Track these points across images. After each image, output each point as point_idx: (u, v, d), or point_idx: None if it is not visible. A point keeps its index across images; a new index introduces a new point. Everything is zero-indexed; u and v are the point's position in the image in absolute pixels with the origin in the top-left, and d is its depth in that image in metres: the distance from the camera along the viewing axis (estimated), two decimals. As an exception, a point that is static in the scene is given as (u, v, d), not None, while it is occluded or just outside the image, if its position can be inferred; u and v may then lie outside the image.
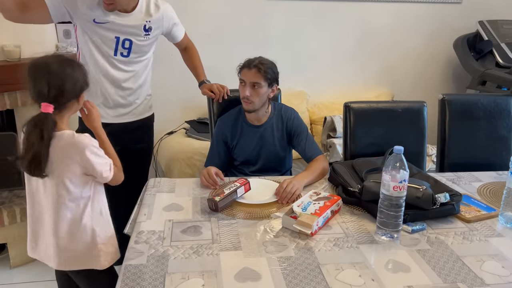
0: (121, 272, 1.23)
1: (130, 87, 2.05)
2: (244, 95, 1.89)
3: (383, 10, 3.44)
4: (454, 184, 1.87)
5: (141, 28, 1.96)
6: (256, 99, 1.89)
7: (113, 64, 1.98)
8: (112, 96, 2.02)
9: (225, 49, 3.27)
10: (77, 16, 1.87)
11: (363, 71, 3.59)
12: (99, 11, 1.87)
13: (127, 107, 2.08)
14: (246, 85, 1.88)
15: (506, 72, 3.03)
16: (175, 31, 2.14)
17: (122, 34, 1.94)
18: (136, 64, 2.04)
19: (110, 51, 1.95)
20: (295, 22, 3.35)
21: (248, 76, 1.88)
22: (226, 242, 1.38)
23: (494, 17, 3.44)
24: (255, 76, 1.86)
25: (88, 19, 1.87)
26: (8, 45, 2.39)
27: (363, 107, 2.10)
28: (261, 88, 1.88)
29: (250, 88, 1.88)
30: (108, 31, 1.91)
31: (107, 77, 1.99)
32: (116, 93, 2.02)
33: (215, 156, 2.03)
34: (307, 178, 1.79)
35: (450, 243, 1.41)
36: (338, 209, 1.59)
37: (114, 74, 1.99)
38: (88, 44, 1.93)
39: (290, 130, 2.02)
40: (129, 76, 2.03)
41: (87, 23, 1.89)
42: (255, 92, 1.88)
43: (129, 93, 2.06)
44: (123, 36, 1.94)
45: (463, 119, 2.16)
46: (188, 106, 3.31)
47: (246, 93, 1.88)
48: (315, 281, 1.20)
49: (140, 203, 1.66)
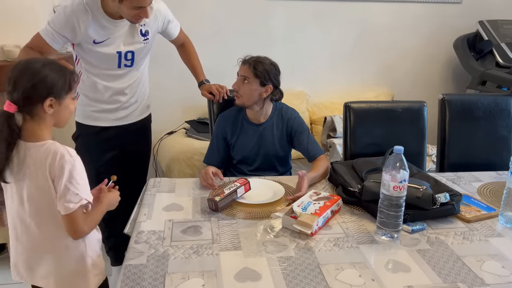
0: (121, 272, 1.23)
1: (131, 91, 2.05)
2: (232, 86, 1.96)
3: (383, 10, 3.44)
4: (454, 184, 1.86)
5: (138, 34, 1.95)
6: (245, 95, 1.93)
7: (116, 76, 1.97)
8: (113, 102, 2.01)
9: (225, 49, 3.27)
10: (77, 40, 1.86)
11: (363, 71, 3.59)
12: (96, 26, 1.84)
13: (127, 109, 2.07)
14: (238, 79, 1.95)
15: (506, 72, 3.03)
16: (170, 28, 2.12)
17: (124, 46, 1.92)
18: (139, 69, 2.04)
19: (113, 65, 1.94)
20: (295, 22, 3.35)
21: (241, 71, 1.94)
22: (226, 242, 1.38)
23: (494, 17, 3.43)
24: (247, 71, 1.91)
25: (88, 41, 1.86)
26: (8, 45, 2.39)
27: (363, 107, 2.10)
28: (250, 84, 1.90)
29: (240, 82, 1.93)
30: (109, 48, 1.89)
31: (109, 87, 1.98)
32: (117, 99, 2.02)
33: (214, 152, 2.03)
34: (317, 178, 1.84)
35: (450, 243, 1.41)
36: (338, 209, 1.59)
37: (117, 84, 1.98)
38: (88, 60, 1.92)
39: (290, 130, 2.02)
40: (132, 82, 2.03)
41: (88, 45, 1.87)
42: (243, 86, 1.92)
43: (130, 96, 2.06)
44: (124, 49, 1.93)
45: (463, 119, 2.16)
46: (188, 106, 3.31)
47: (235, 85, 1.95)
48: (315, 281, 1.20)
49: (140, 203, 1.66)
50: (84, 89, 1.98)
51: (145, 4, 1.78)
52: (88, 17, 1.82)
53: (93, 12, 1.82)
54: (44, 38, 1.84)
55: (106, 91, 1.98)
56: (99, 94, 1.98)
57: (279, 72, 1.96)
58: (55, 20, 1.83)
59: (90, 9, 1.81)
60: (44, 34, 1.84)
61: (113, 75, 1.96)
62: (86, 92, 1.99)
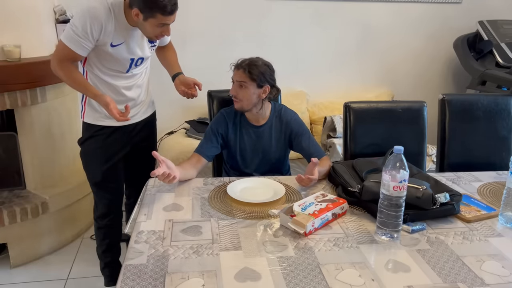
0: (121, 272, 1.23)
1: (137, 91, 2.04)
2: (230, 93, 1.95)
3: (383, 10, 3.44)
4: (454, 184, 1.87)
5: (147, 42, 1.95)
6: (244, 99, 1.92)
7: (123, 77, 1.96)
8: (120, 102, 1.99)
9: (225, 49, 3.27)
10: (99, 41, 1.81)
11: (363, 71, 3.59)
12: (117, 28, 1.81)
13: (135, 108, 2.06)
14: (234, 84, 1.94)
15: (506, 72, 3.03)
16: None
17: (137, 52, 1.91)
18: (143, 70, 2.05)
19: (123, 69, 1.93)
20: (295, 22, 3.35)
21: (236, 76, 1.93)
22: (226, 242, 1.38)
23: (494, 17, 3.44)
24: (242, 76, 1.90)
25: (107, 41, 1.81)
26: (8, 45, 2.39)
27: (363, 107, 2.10)
28: (248, 88, 1.90)
29: (237, 87, 1.92)
30: (123, 53, 1.86)
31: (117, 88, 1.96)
32: (127, 100, 2.01)
33: (209, 145, 1.97)
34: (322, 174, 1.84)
35: (450, 243, 1.41)
36: (343, 213, 1.57)
37: (124, 84, 1.97)
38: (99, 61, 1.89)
39: (290, 132, 2.01)
40: (137, 82, 2.02)
41: (103, 47, 1.83)
42: (241, 91, 1.91)
43: (137, 95, 2.05)
44: (137, 56, 1.93)
45: (463, 119, 2.16)
46: (188, 106, 3.31)
47: (232, 91, 1.94)
48: (315, 281, 1.20)
49: (140, 203, 1.66)
50: None
51: (169, 21, 1.78)
52: (112, 19, 1.79)
53: (116, 15, 1.80)
54: (68, 45, 1.78)
55: (113, 91, 1.96)
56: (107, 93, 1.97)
57: (274, 71, 1.96)
58: (77, 23, 1.76)
59: (113, 10, 1.79)
60: (68, 41, 1.78)
61: (120, 77, 1.95)
62: None
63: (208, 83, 2.41)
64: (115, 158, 2.07)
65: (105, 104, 1.77)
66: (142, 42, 1.93)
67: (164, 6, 1.70)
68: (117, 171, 2.11)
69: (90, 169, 2.08)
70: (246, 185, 1.77)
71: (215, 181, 1.83)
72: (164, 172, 1.62)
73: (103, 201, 2.13)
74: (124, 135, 2.06)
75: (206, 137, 2.01)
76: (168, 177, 1.64)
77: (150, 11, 1.71)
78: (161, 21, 1.75)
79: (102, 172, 2.05)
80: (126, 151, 2.11)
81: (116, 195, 2.17)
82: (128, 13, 1.80)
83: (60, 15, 2.75)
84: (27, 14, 2.47)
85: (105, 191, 2.11)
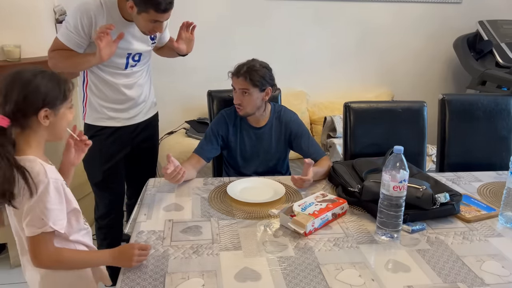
0: (121, 272, 1.23)
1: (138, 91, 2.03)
2: (235, 102, 1.93)
3: (383, 10, 3.44)
4: (454, 184, 1.87)
5: (148, 37, 1.94)
6: (248, 105, 1.91)
7: (122, 75, 1.95)
8: (122, 102, 2.00)
9: (225, 49, 3.27)
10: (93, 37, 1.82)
11: (363, 71, 3.59)
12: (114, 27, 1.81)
13: (137, 107, 2.06)
14: (237, 93, 1.91)
15: (506, 72, 3.03)
16: (166, 33, 2.10)
17: (133, 47, 1.91)
18: (144, 68, 2.04)
19: (121, 65, 1.93)
20: (295, 22, 3.35)
21: (237, 84, 1.90)
22: (226, 242, 1.38)
23: (494, 17, 3.43)
24: (243, 83, 1.88)
25: None
26: (8, 45, 2.39)
27: (363, 107, 2.10)
28: (251, 95, 1.89)
29: (240, 95, 1.90)
30: (119, 48, 1.85)
31: (117, 87, 1.96)
32: (127, 99, 2.00)
33: (209, 146, 1.97)
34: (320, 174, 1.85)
35: (450, 243, 1.41)
36: (343, 213, 1.58)
37: (124, 83, 1.97)
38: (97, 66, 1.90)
39: (290, 133, 2.01)
40: (137, 81, 2.01)
41: None
42: (245, 99, 1.90)
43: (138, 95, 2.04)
44: (134, 51, 1.92)
45: (463, 119, 2.16)
46: (188, 106, 3.31)
47: (236, 100, 1.91)
48: (315, 281, 1.20)
49: (140, 203, 1.66)
50: (94, 89, 1.96)
51: (162, 19, 1.78)
52: (103, 13, 1.80)
53: (108, 10, 1.81)
54: (63, 41, 1.81)
55: (114, 91, 1.96)
56: (107, 94, 1.96)
57: (271, 70, 1.95)
58: (70, 20, 1.80)
59: (105, 4, 1.80)
60: (63, 37, 1.81)
61: (119, 74, 1.95)
62: (95, 93, 1.97)
63: (208, 83, 2.42)
64: (116, 159, 2.06)
65: (99, 50, 1.74)
66: (141, 37, 1.92)
67: (158, 3, 1.71)
68: (118, 172, 2.11)
69: (90, 169, 2.08)
70: (246, 185, 1.78)
71: (215, 181, 1.83)
72: (177, 166, 1.65)
73: (103, 201, 2.13)
74: (125, 135, 2.06)
75: (206, 138, 2.00)
76: (179, 173, 1.66)
77: (144, 5, 1.72)
78: (153, 18, 1.75)
79: (102, 172, 2.04)
80: (127, 152, 2.11)
81: (117, 195, 2.17)
82: (124, 7, 1.80)
83: (60, 15, 2.75)
84: (27, 14, 2.47)
85: (105, 191, 2.11)
